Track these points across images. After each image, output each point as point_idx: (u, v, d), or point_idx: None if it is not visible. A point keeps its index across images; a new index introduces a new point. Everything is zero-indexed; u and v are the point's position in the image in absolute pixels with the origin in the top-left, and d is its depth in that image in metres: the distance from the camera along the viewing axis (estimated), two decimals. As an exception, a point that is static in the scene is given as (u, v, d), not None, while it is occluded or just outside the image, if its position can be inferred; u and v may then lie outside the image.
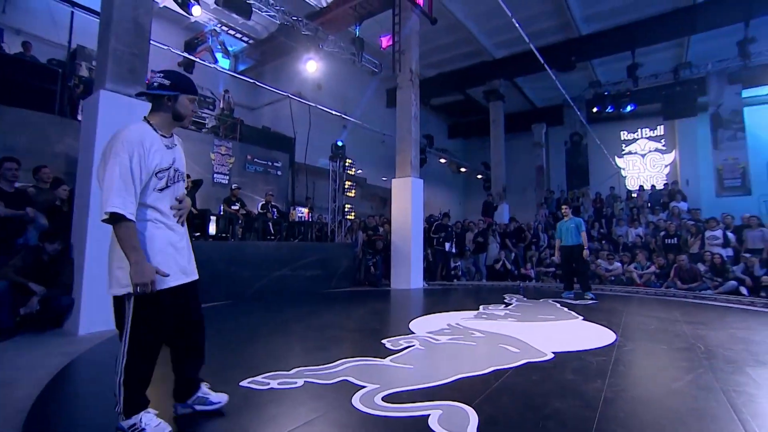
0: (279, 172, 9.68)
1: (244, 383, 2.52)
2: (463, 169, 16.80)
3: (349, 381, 2.56)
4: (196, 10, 6.51)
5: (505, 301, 6.29)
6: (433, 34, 11.99)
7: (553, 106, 15.94)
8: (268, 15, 7.90)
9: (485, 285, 9.01)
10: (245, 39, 11.75)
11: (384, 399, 2.27)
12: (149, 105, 1.93)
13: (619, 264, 8.84)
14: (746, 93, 12.51)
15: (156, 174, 1.80)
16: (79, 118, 6.78)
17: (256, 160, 9.14)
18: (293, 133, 12.70)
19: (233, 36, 11.45)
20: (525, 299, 6.54)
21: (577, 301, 6.27)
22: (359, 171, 15.63)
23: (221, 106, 11.53)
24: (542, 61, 8.91)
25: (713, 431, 1.95)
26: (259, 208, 8.22)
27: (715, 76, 12.65)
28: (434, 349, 3.46)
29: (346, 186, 9.39)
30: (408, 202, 8.49)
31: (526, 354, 3.26)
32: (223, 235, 6.92)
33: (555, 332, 4.23)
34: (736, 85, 11.95)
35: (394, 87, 15.53)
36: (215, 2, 6.94)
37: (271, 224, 7.80)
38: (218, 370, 2.77)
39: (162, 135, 1.87)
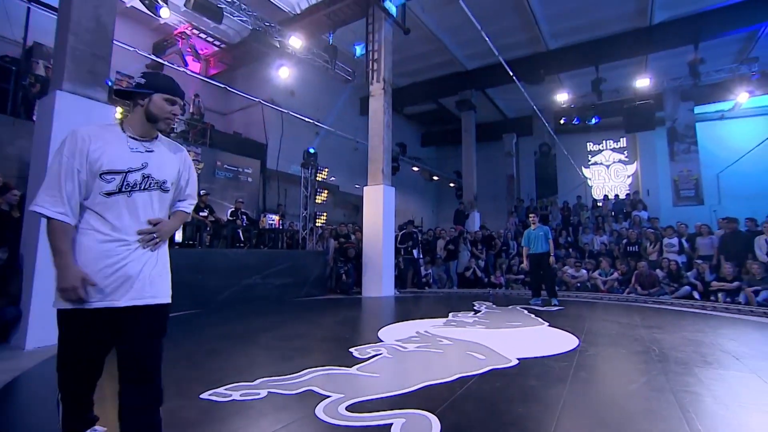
0: (249, 179, 9.52)
1: (204, 395, 2.44)
2: (435, 178, 17.02)
3: (313, 391, 2.53)
4: (164, 12, 6.36)
5: (475, 308, 6.37)
6: (407, 44, 12.16)
7: (523, 117, 16.42)
8: (240, 20, 7.81)
9: (456, 292, 9.11)
10: (216, 43, 11.56)
11: (348, 408, 2.25)
12: (110, 108, 1.83)
13: (585, 271, 9.14)
14: (698, 109, 13.32)
15: (101, 175, 1.58)
16: (34, 119, 6.48)
17: (225, 166, 8.95)
18: (265, 140, 12.56)
19: (204, 39, 11.24)
20: (494, 306, 6.65)
21: (544, 308, 6.42)
22: (332, 178, 15.57)
23: (191, 110, 11.26)
24: (511, 74, 9.17)
25: (662, 430, 2.03)
26: (229, 215, 8.04)
27: (670, 93, 13.39)
28: (402, 357, 3.46)
29: (318, 192, 9.27)
30: (379, 210, 8.50)
31: (491, 361, 3.31)
32: (190, 242, 6.72)
33: (521, 339, 4.32)
34: (688, 102, 12.70)
35: (367, 95, 15.64)
36: (185, 5, 6.81)
37: (240, 231, 7.64)
38: (177, 382, 2.68)
39: (131, 136, 1.68)
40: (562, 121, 12.45)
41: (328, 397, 2.42)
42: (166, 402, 1.90)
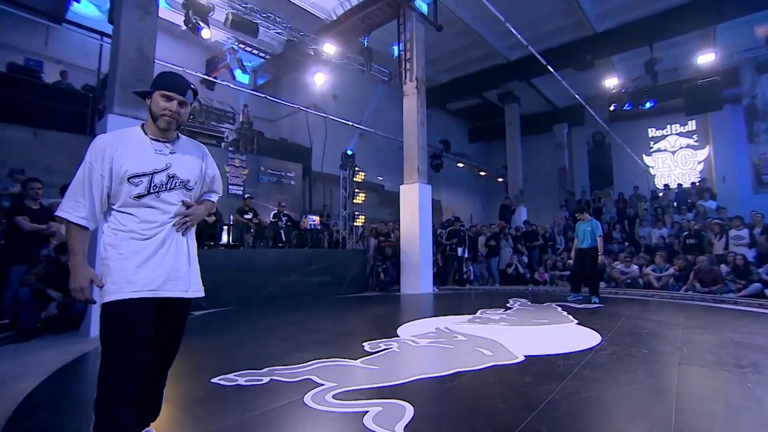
0: (292, 182, 10.05)
1: (215, 379, 2.74)
2: (482, 173, 16.67)
3: (311, 380, 2.73)
4: (206, 33, 6.96)
5: (507, 305, 6.26)
6: (445, 40, 12.08)
7: (574, 106, 15.52)
8: (276, 32, 8.30)
9: (495, 289, 8.94)
10: (262, 55, 12.27)
11: (334, 397, 2.42)
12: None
13: (636, 267, 8.54)
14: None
15: (129, 180, 1.65)
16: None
17: (269, 171, 9.54)
18: (309, 143, 13.14)
19: (250, 53, 11.99)
20: (529, 303, 6.48)
21: (582, 305, 6.15)
22: (379, 178, 15.90)
23: (241, 119, 12.08)
24: (544, 62, 8.82)
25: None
26: (271, 217, 8.58)
27: (746, 66, 12.03)
28: (409, 351, 3.57)
29: (356, 193, 9.56)
30: (415, 208, 8.57)
31: (497, 357, 3.31)
32: (235, 243, 7.28)
33: (539, 336, 4.23)
34: None
35: (424, 91, 15.79)
36: (224, 24, 7.39)
37: (282, 232, 8.12)
38: (196, 367, 3.02)
39: (154, 138, 1.72)
40: (611, 108, 11.64)
41: (322, 385, 2.61)
42: (180, 384, 2.17)
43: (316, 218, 9.12)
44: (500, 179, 17.30)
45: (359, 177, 9.61)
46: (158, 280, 1.67)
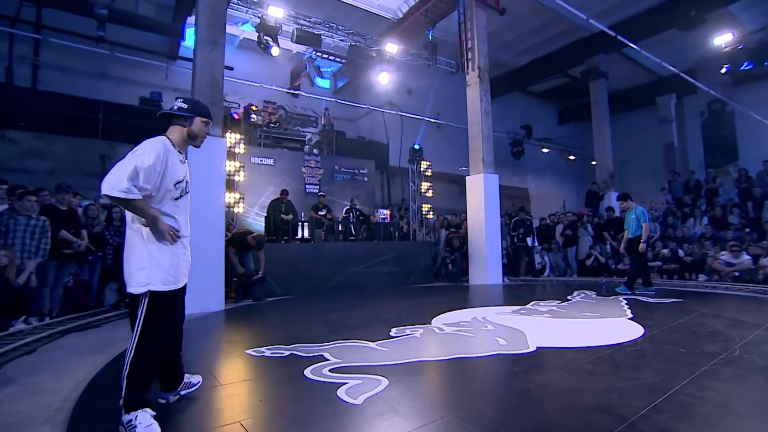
0: (365, 178, 10.63)
1: (249, 351, 3.33)
2: (571, 157, 15.43)
3: (323, 356, 3.15)
4: (275, 51, 7.82)
5: (568, 297, 5.97)
6: (518, 21, 11.53)
7: (683, 72, 13.46)
8: (340, 39, 8.89)
9: (572, 280, 8.42)
10: (338, 60, 13.09)
11: (331, 370, 2.80)
12: (223, 140, 2.41)
13: (747, 257, 7.29)
14: None
15: (174, 185, 2.03)
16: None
17: (342, 169, 10.25)
18: (386, 139, 13.66)
19: (327, 59, 12.88)
20: (594, 296, 6.09)
21: (655, 300, 5.58)
22: (462, 168, 15.76)
23: (323, 122, 13.08)
24: (617, 37, 7.89)
25: (585, 425, 1.98)
26: (344, 212, 9.26)
27: None
28: (429, 337, 3.79)
29: (424, 187, 9.78)
30: (481, 199, 8.50)
31: (509, 347, 3.37)
32: (309, 238, 8.09)
33: (574, 329, 4.06)
34: None
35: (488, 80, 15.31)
36: (291, 39, 8.20)
37: (352, 226, 8.75)
38: (239, 340, 3.67)
39: (178, 151, 2.09)
40: (723, 70, 9.88)
41: (328, 361, 3.02)
42: (222, 352, 2.77)
43: (387, 212, 9.57)
44: (594, 162, 15.80)
45: (426, 169, 9.78)
46: (186, 273, 2.20)
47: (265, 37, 7.66)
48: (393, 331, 3.97)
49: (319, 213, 8.76)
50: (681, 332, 3.76)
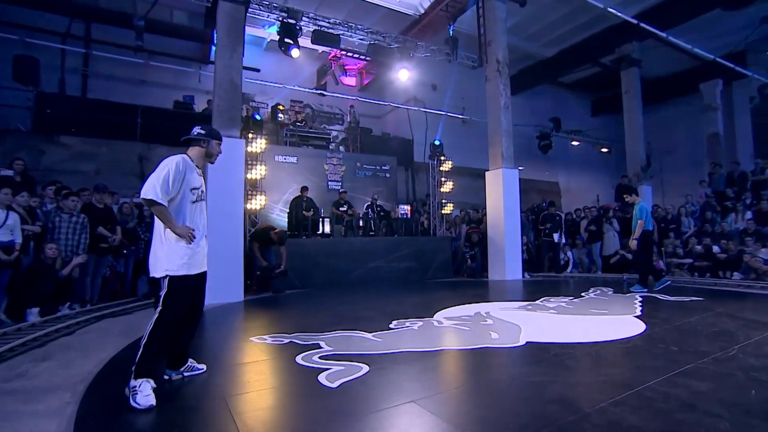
0: (387, 174, 10.79)
1: (253, 338, 3.62)
2: (604, 150, 14.84)
3: (319, 344, 3.37)
4: (295, 53, 8.09)
5: (582, 294, 5.89)
6: (543, 12, 11.24)
7: (731, 55, 12.59)
8: (359, 38, 9.05)
9: (595, 277, 8.20)
10: (362, 57, 13.27)
11: (320, 357, 3.01)
12: (241, 141, 2.90)
13: (787, 254, 6.84)
14: None
15: (191, 189, 2.54)
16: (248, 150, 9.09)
17: (364, 166, 10.45)
18: (411, 135, 13.74)
19: (352, 57, 13.09)
20: (610, 293, 5.97)
21: (674, 297, 5.41)
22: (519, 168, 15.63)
23: (348, 120, 13.35)
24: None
25: (538, 415, 2.07)
26: (364, 208, 9.47)
27: None
28: (426, 330, 3.92)
29: (444, 181, 9.80)
30: (500, 194, 8.44)
31: (500, 340, 3.45)
32: (329, 233, 8.37)
33: (573, 326, 4.06)
34: None
35: (515, 74, 15.01)
36: (311, 41, 8.45)
37: (372, 222, 8.95)
38: (247, 328, 3.96)
39: (195, 165, 2.64)
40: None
41: (321, 349, 3.24)
42: (228, 338, 3.08)
43: (407, 207, 9.68)
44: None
45: (446, 166, 9.81)
46: (202, 262, 2.64)
47: (286, 40, 7.96)
48: (393, 324, 4.14)
49: (340, 209, 9.02)
50: (683, 331, 3.69)
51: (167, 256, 2.44)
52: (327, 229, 8.52)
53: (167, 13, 10.90)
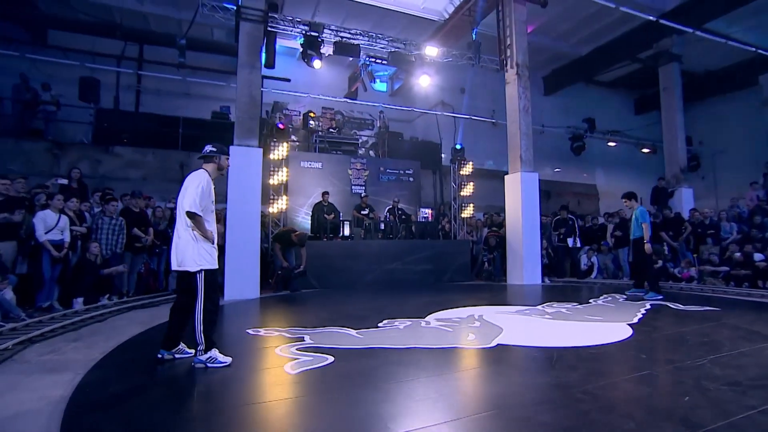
0: (411, 179, 10.97)
1: (248, 330, 4.01)
2: (645, 150, 14.07)
3: (303, 338, 3.69)
4: (317, 64, 8.54)
5: (590, 300, 5.80)
6: (573, 10, 10.94)
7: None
8: (380, 47, 9.36)
9: (619, 283, 7.88)
10: (384, 64, 13.56)
11: (297, 349, 3.33)
12: (258, 150, 4.67)
13: (832, 263, 6.26)
14: None
15: (212, 201, 3.12)
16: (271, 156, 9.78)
17: (388, 170, 10.71)
18: (439, 139, 13.84)
19: (381, 63, 13.43)
20: (622, 299, 5.84)
21: (688, 306, 5.19)
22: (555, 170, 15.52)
23: (378, 125, 13.69)
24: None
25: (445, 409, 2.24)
26: (386, 211, 9.74)
27: None
28: (410, 330, 4.11)
29: (463, 185, 9.85)
30: (518, 198, 8.39)
31: (473, 342, 3.60)
32: (349, 236, 8.71)
33: (560, 331, 4.09)
34: None
35: (548, 74, 14.68)
36: (332, 52, 8.87)
37: (392, 225, 9.19)
38: (247, 321, 4.37)
39: (212, 178, 3.16)
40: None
41: (303, 341, 3.55)
42: (226, 328, 3.53)
43: (429, 211, 9.84)
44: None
45: (466, 170, 9.86)
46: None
47: (309, 51, 8.43)
48: (383, 323, 4.37)
49: (362, 213, 9.35)
50: (668, 340, 3.63)
51: (200, 254, 2.98)
52: (348, 232, 8.88)
53: (208, 31, 11.82)
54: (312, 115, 12.25)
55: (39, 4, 10.69)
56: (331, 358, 3.03)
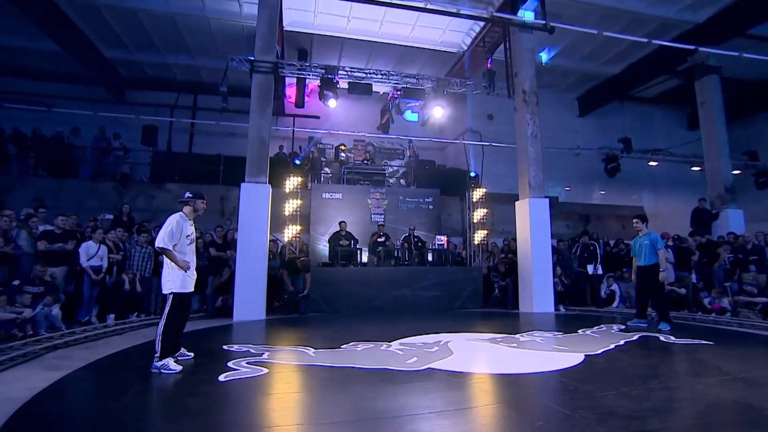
0: (430, 206, 11.20)
1: (225, 346, 4.54)
2: (695, 168, 12.96)
3: (262, 353, 4.13)
4: (332, 103, 9.30)
5: (580, 330, 5.59)
6: (587, 35, 10.71)
7: None
8: (393, 83, 9.94)
9: (624, 312, 7.37)
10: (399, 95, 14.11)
11: (247, 363, 3.76)
12: (267, 186, 6.03)
13: None
14: None
15: (186, 236, 3.83)
16: (309, 187, 10.61)
17: (407, 199, 11.06)
18: (467, 166, 13.94)
19: (401, 97, 14.03)
20: (613, 329, 5.60)
21: (681, 340, 4.86)
22: (567, 189, 15.00)
23: (409, 154, 14.17)
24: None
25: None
26: (402, 239, 10.02)
27: None
28: (366, 352, 4.37)
29: (478, 213, 9.89)
30: (527, 224, 8.29)
31: (408, 365, 3.79)
32: (364, 263, 9.10)
33: (512, 359, 4.13)
34: None
35: (582, 94, 14.29)
36: (347, 91, 9.60)
37: (406, 252, 9.45)
38: (232, 339, 4.92)
39: (187, 218, 3.87)
40: None
41: (259, 356, 3.99)
42: (201, 343, 4.11)
43: (444, 238, 9.96)
44: (737, 172, 12.89)
45: (476, 194, 9.92)
46: (192, 284, 3.86)
47: (325, 92, 9.23)
48: (346, 345, 4.66)
49: (379, 240, 9.75)
50: (606, 372, 3.56)
51: (172, 280, 3.70)
52: (365, 259, 9.29)
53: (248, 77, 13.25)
54: (342, 148, 13.09)
55: (119, 69, 12.86)
56: (265, 371, 3.44)
